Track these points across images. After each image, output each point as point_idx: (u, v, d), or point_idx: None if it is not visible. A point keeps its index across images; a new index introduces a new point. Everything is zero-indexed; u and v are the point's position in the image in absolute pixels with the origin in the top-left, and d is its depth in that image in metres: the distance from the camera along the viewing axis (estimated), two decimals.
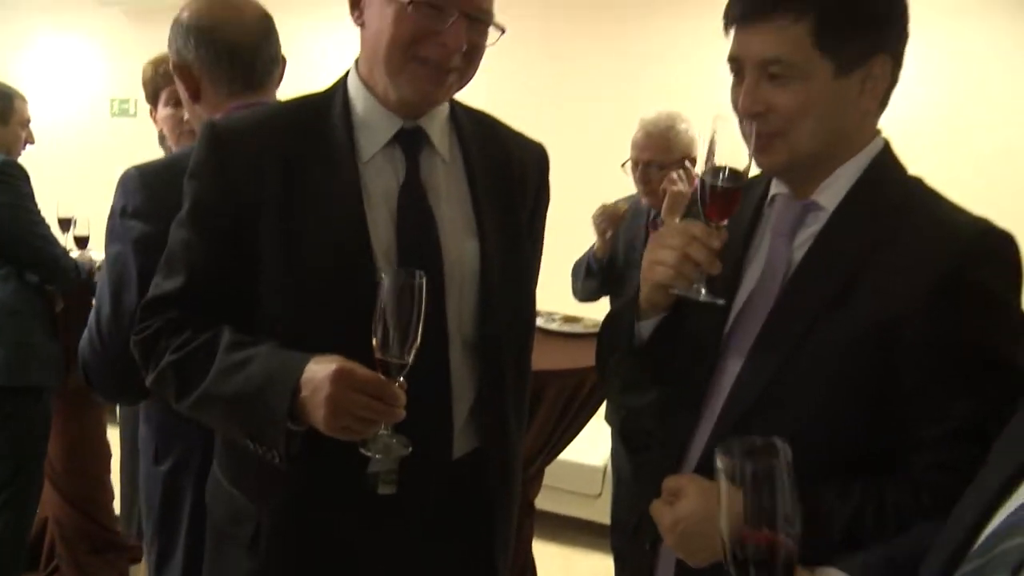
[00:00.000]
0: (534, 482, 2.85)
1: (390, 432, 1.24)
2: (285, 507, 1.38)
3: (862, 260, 1.15)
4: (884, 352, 1.11)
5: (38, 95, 4.40)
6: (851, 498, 1.10)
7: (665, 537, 1.19)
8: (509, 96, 4.91)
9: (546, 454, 2.76)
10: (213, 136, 1.36)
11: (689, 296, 1.22)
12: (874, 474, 1.12)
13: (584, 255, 3.26)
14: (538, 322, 3.08)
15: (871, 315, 1.12)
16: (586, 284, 3.23)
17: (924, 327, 1.09)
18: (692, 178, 2.86)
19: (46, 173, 3.97)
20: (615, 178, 3.32)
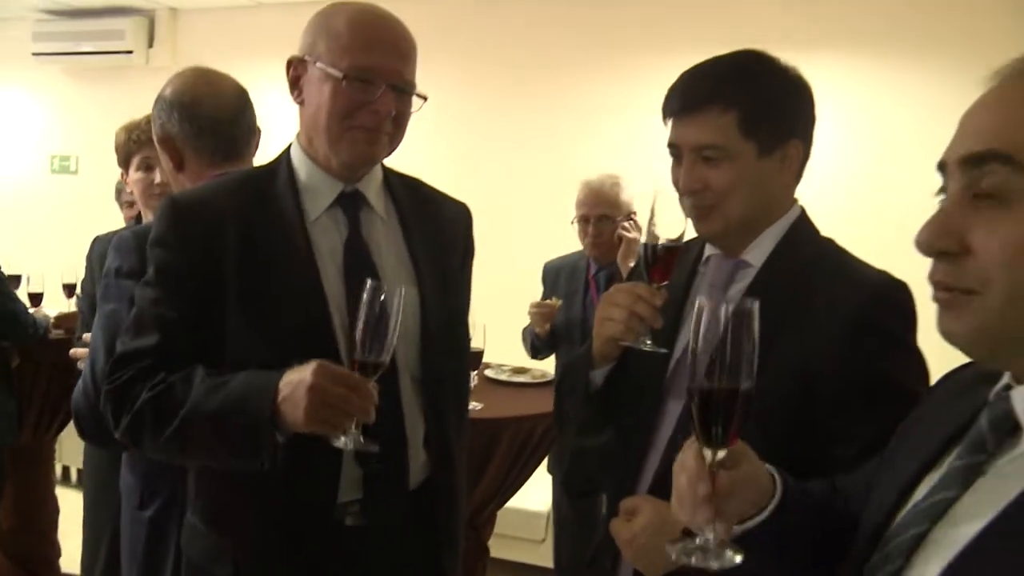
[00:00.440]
0: (487, 525, 2.97)
1: (359, 432, 1.35)
2: (262, 543, 1.49)
3: (785, 310, 1.34)
4: (805, 387, 1.29)
5: None
6: None
7: (624, 551, 1.34)
8: (449, 152, 5.15)
9: (499, 498, 2.89)
10: (175, 210, 1.51)
11: (636, 347, 1.41)
12: None
13: (527, 330, 3.54)
14: (488, 373, 3.28)
15: (794, 356, 1.31)
16: (536, 354, 3.55)
17: (837, 364, 1.28)
18: (639, 227, 3.17)
19: None
20: (554, 232, 3.56)
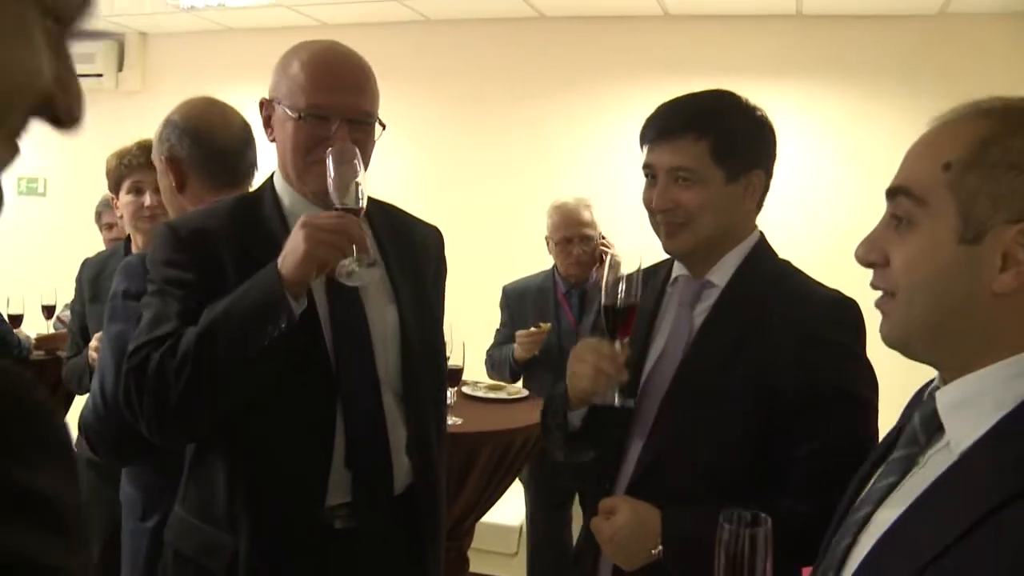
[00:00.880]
0: (467, 536, 3.07)
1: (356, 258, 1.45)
2: (253, 541, 1.56)
3: (746, 326, 1.51)
4: (766, 395, 1.44)
5: None
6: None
7: (605, 548, 1.47)
8: (421, 176, 5.27)
9: (479, 509, 3.00)
10: (175, 234, 1.61)
11: (605, 403, 1.54)
12: (759, 485, 1.44)
13: (500, 353, 3.60)
14: (465, 390, 3.39)
15: (755, 368, 1.46)
16: (514, 379, 3.61)
17: (793, 374, 1.43)
18: (610, 244, 3.42)
19: None
20: (523, 253, 3.70)
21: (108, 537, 2.22)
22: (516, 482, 3.40)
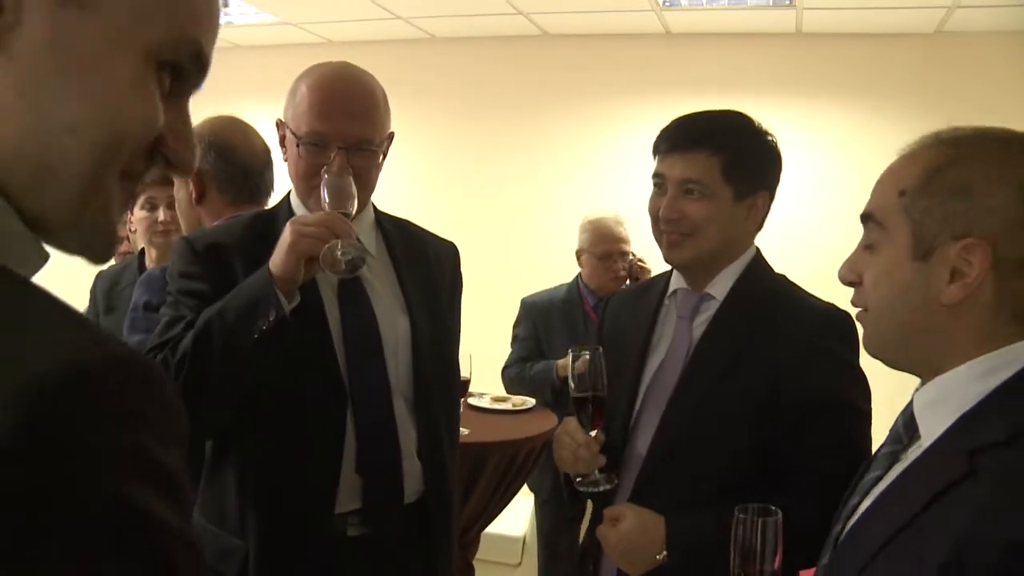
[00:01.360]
0: (473, 544, 3.12)
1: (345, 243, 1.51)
2: (265, 546, 1.60)
3: (745, 338, 1.56)
4: (765, 405, 1.49)
5: None
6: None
7: (611, 553, 1.52)
8: (432, 190, 5.32)
9: (485, 518, 3.05)
10: (192, 248, 1.66)
11: (588, 489, 1.60)
12: (759, 493, 1.47)
13: (536, 369, 3.49)
14: (471, 401, 3.43)
15: (754, 379, 1.51)
16: (552, 397, 3.44)
17: (792, 384, 1.48)
18: (645, 262, 3.45)
19: None
20: (530, 264, 3.72)
21: None
22: (521, 493, 3.44)
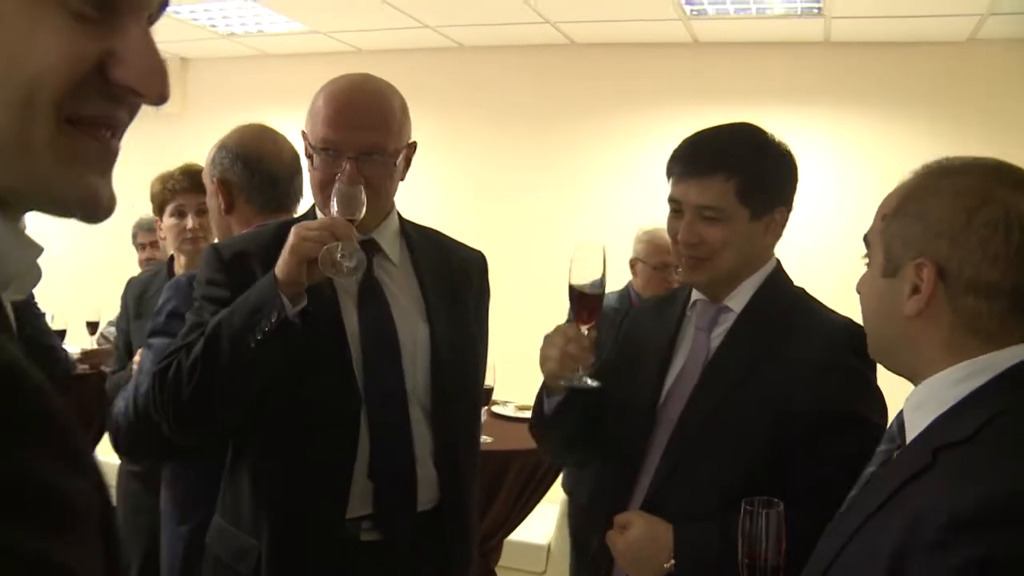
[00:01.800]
0: (495, 552, 3.13)
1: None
2: (277, 547, 1.63)
3: (762, 350, 1.56)
4: (780, 417, 1.49)
5: None
6: None
7: (620, 560, 1.53)
8: (459, 195, 5.34)
9: (507, 526, 3.06)
10: (219, 256, 1.71)
11: (574, 385, 1.59)
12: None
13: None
14: (495, 409, 3.45)
15: (770, 391, 1.51)
16: None
17: (809, 397, 1.48)
18: None
19: None
20: (553, 272, 3.70)
21: (151, 542, 2.31)
22: (546, 501, 3.44)
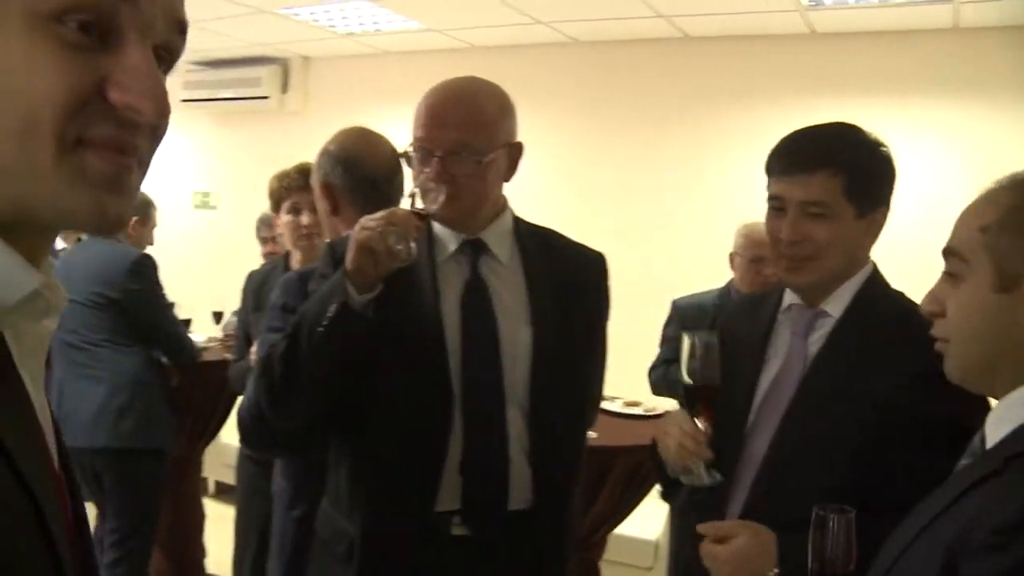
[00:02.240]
0: (598, 548, 3.15)
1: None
2: (369, 533, 1.69)
3: (860, 357, 1.53)
4: (876, 425, 1.46)
5: None
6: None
7: (719, 569, 1.50)
8: (572, 193, 5.33)
9: (611, 522, 3.08)
10: (332, 253, 1.78)
11: (695, 484, 1.60)
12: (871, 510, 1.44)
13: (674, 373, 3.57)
14: (602, 405, 3.45)
15: (870, 397, 1.48)
16: None
17: (910, 406, 1.45)
18: None
19: None
20: (670, 270, 3.68)
21: (265, 523, 2.44)
22: (654, 497, 3.43)
